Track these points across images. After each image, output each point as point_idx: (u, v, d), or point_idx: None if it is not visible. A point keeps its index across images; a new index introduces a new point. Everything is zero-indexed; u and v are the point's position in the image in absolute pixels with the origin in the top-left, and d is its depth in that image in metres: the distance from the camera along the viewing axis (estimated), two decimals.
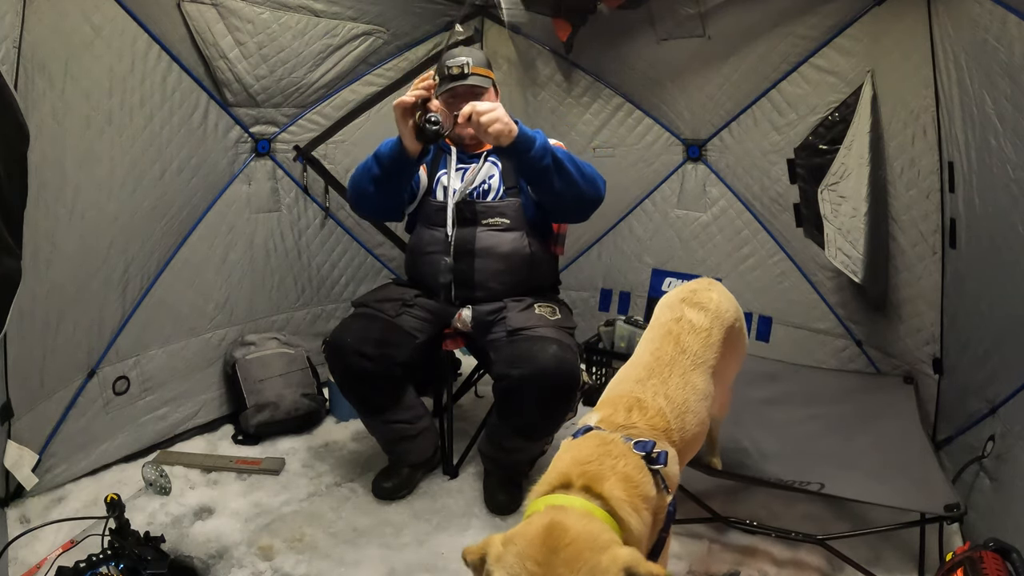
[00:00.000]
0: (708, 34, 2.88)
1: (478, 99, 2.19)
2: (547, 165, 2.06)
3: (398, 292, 2.36)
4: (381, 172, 2.18)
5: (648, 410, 1.46)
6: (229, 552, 2.02)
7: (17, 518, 2.09)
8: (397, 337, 2.23)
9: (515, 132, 2.00)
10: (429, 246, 2.34)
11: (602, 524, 1.16)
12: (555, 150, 2.09)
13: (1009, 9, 1.80)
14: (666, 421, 1.46)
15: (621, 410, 1.45)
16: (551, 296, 2.45)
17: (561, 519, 1.11)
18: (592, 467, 1.25)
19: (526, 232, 2.33)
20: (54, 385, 2.21)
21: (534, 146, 2.03)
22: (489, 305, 2.29)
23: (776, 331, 3.09)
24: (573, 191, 2.14)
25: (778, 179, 2.95)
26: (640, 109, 3.21)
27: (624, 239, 3.38)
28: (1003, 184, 1.92)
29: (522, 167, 2.11)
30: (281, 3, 2.55)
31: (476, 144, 2.36)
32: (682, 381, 1.57)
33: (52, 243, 2.07)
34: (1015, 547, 1.40)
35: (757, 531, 1.98)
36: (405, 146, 2.10)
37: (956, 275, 2.36)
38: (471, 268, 2.28)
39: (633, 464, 1.29)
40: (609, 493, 1.21)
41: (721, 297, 1.83)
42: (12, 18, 1.77)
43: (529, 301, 2.28)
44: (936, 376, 2.51)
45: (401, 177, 2.21)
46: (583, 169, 2.16)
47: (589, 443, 1.33)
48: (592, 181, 2.19)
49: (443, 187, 2.35)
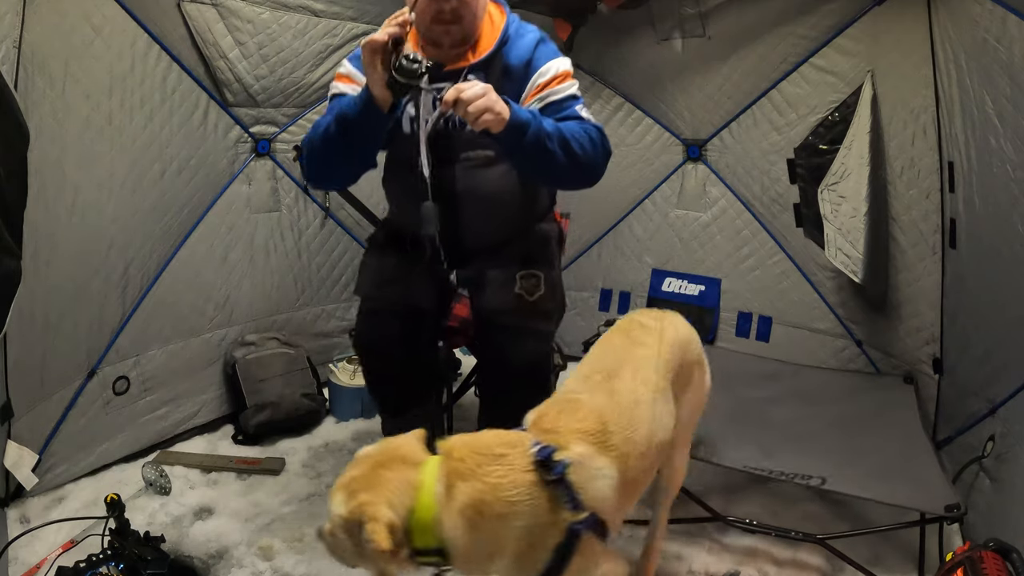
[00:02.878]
0: (708, 34, 2.88)
1: (465, 5, 1.77)
2: (541, 151, 1.72)
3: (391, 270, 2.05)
4: (345, 138, 1.76)
5: (580, 410, 1.35)
6: (229, 552, 2.02)
7: (17, 518, 2.09)
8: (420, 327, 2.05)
9: (506, 119, 1.64)
10: (404, 193, 1.98)
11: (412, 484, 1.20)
12: (551, 130, 1.74)
13: (1009, 9, 1.80)
14: (602, 422, 1.33)
15: (557, 412, 1.36)
16: (542, 253, 2.07)
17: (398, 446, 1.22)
18: (470, 463, 1.22)
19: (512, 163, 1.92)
20: (54, 385, 2.21)
21: (527, 132, 1.68)
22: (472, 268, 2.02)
23: (776, 331, 3.09)
24: (571, 173, 1.84)
25: (778, 179, 2.95)
26: (640, 109, 3.20)
27: (624, 239, 3.38)
28: (1003, 184, 1.92)
29: (512, 154, 1.80)
30: (281, 3, 2.55)
31: (456, 57, 1.86)
32: (637, 380, 1.45)
33: (52, 243, 2.07)
34: (1015, 547, 1.40)
35: (757, 530, 1.98)
36: (375, 97, 1.68)
37: (956, 275, 2.36)
38: (454, 215, 1.92)
39: (512, 478, 1.21)
40: (458, 495, 1.19)
41: (687, 328, 1.72)
42: (12, 18, 1.77)
43: (513, 271, 1.96)
44: (936, 376, 2.51)
45: (370, 140, 1.81)
46: (583, 144, 1.79)
47: (496, 442, 1.28)
48: (591, 158, 1.83)
49: (409, 116, 1.89)
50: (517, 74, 1.85)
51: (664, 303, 3.29)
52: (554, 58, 1.88)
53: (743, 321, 3.17)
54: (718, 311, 3.21)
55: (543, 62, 1.86)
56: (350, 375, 2.83)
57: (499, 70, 1.86)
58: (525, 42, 1.88)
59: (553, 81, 1.85)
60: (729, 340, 3.19)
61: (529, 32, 1.92)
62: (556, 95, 1.84)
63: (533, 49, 1.88)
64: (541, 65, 1.86)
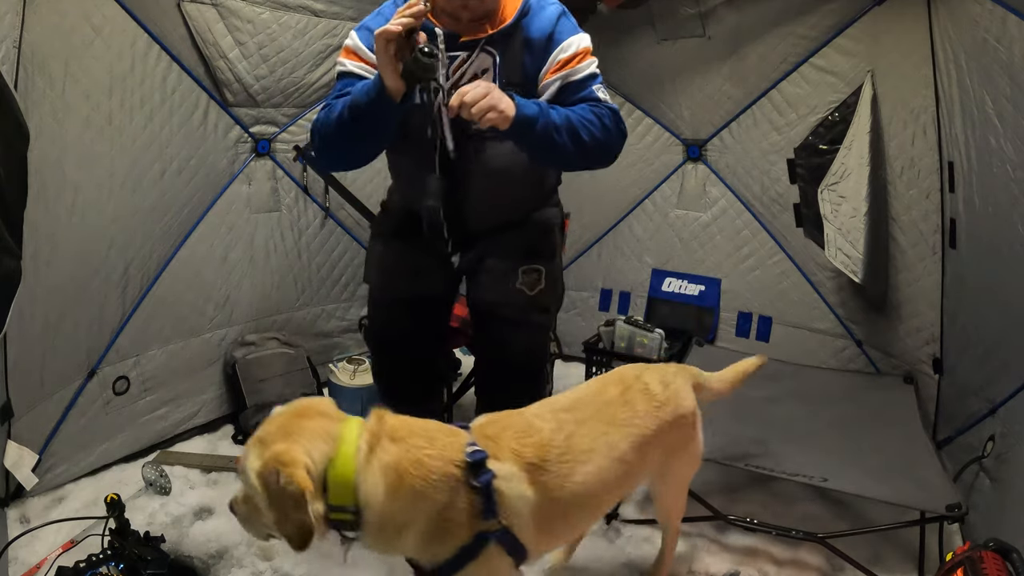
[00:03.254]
0: (708, 34, 2.88)
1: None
2: (549, 143, 1.70)
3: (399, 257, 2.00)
4: (358, 126, 1.74)
5: (531, 436, 1.35)
6: (229, 552, 2.02)
7: (17, 518, 2.09)
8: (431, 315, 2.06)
9: (511, 116, 1.62)
10: (415, 164, 1.88)
11: (329, 437, 1.20)
12: (560, 122, 1.71)
13: (1009, 9, 1.80)
14: (543, 456, 1.32)
15: (507, 427, 1.36)
16: (545, 245, 2.03)
17: (317, 402, 1.20)
18: (405, 429, 1.25)
19: None
20: (54, 385, 2.21)
21: (535, 126, 1.67)
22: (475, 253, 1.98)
23: (776, 331, 3.10)
24: (580, 160, 1.83)
25: (778, 179, 2.96)
26: (640, 109, 3.21)
27: (624, 239, 3.38)
28: (1003, 184, 1.92)
29: (522, 146, 1.77)
30: (281, 3, 2.55)
31: (474, 27, 1.79)
32: (601, 431, 1.44)
33: (52, 243, 2.07)
34: (1015, 547, 1.40)
35: (758, 529, 1.98)
36: (387, 87, 1.64)
37: (956, 275, 2.36)
38: (464, 188, 1.86)
39: (438, 463, 1.22)
40: (381, 454, 1.20)
41: (686, 386, 1.70)
42: (12, 18, 1.77)
43: (515, 263, 1.94)
44: (936, 376, 2.51)
45: (384, 127, 1.77)
46: (593, 131, 1.76)
47: (433, 426, 1.32)
48: (602, 144, 1.80)
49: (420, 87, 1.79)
50: (538, 47, 1.79)
51: (664, 303, 3.30)
52: (575, 33, 1.82)
53: (743, 321, 3.17)
54: (718, 311, 3.21)
55: (565, 36, 1.80)
56: (350, 375, 2.83)
57: (519, 42, 1.79)
58: (547, 14, 1.81)
59: (575, 59, 1.79)
60: (729, 340, 3.19)
61: (550, 4, 1.85)
62: (577, 74, 1.79)
63: (555, 22, 1.81)
64: (563, 39, 1.79)
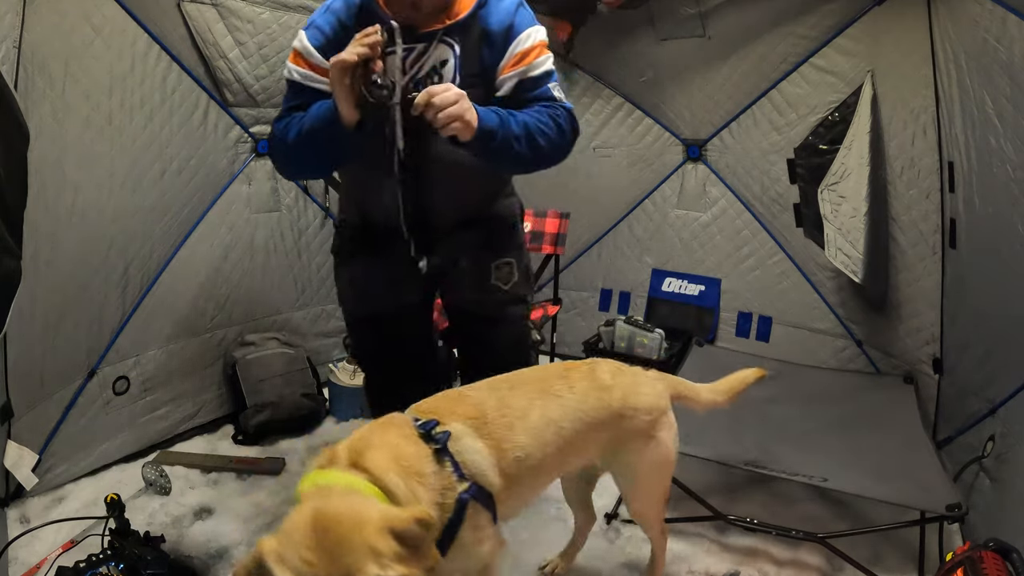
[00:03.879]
0: (708, 34, 2.88)
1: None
2: (506, 152, 1.65)
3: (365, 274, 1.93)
4: (314, 149, 1.69)
5: (464, 401, 1.43)
6: (229, 552, 2.02)
7: (17, 518, 2.09)
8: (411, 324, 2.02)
9: (474, 128, 1.56)
10: (364, 167, 1.80)
11: (364, 496, 1.17)
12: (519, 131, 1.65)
13: (1009, 9, 1.80)
14: (481, 412, 1.40)
15: (440, 400, 1.45)
16: (511, 238, 1.98)
17: (323, 504, 1.12)
18: (360, 442, 1.27)
19: None
20: (54, 385, 2.21)
21: (495, 138, 1.61)
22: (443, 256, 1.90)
23: (776, 331, 3.10)
24: (533, 165, 1.78)
25: (778, 179, 2.96)
26: (640, 109, 3.21)
27: (624, 239, 3.38)
28: (1003, 184, 1.92)
29: (477, 155, 1.68)
30: (281, 3, 2.55)
31: (430, 18, 1.70)
32: (534, 396, 1.49)
33: (52, 243, 2.07)
34: (1015, 547, 1.40)
35: (758, 529, 1.98)
36: (342, 115, 1.58)
37: (956, 275, 2.36)
38: (420, 186, 1.78)
39: (406, 438, 1.29)
40: (372, 463, 1.23)
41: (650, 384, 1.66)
42: (12, 18, 1.77)
43: (486, 261, 1.91)
44: (936, 376, 2.51)
45: (342, 152, 1.70)
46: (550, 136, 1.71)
47: (374, 424, 1.36)
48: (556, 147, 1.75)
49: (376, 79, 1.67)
50: (496, 38, 1.73)
51: (664, 303, 3.30)
52: (532, 25, 1.79)
53: (743, 321, 3.17)
54: (718, 311, 3.21)
55: (523, 28, 1.75)
56: (350, 375, 2.83)
57: (477, 33, 1.73)
58: (504, 5, 1.76)
59: (532, 52, 1.75)
60: (729, 340, 3.19)
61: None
62: (534, 70, 1.75)
63: (513, 13, 1.76)
64: (521, 31, 1.74)
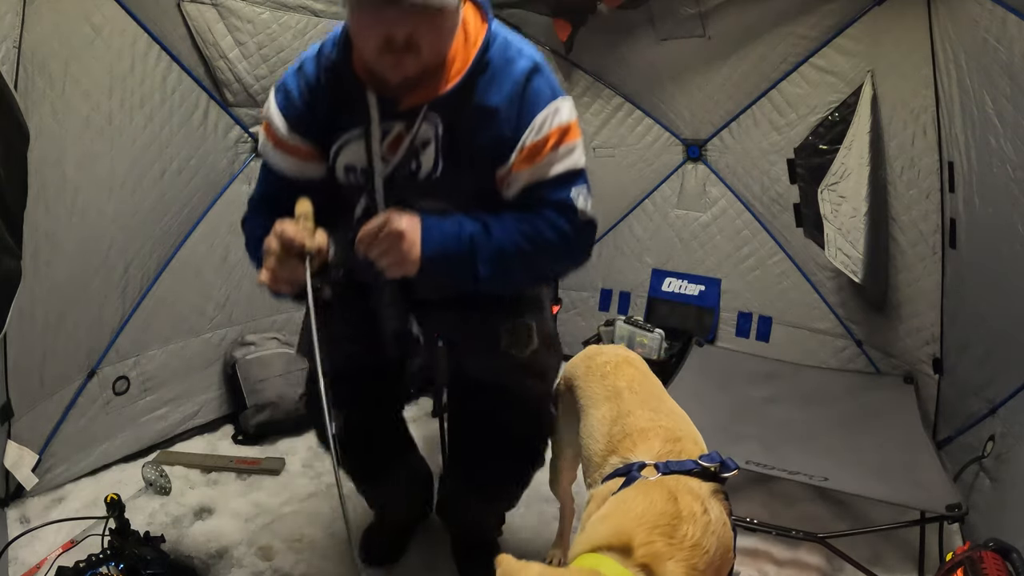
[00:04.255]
0: (708, 34, 2.88)
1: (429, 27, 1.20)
2: (473, 279, 1.35)
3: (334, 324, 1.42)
4: None
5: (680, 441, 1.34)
6: (229, 552, 2.02)
7: (17, 518, 2.09)
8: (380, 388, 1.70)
9: (417, 263, 1.30)
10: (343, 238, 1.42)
11: None
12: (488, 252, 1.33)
13: (1009, 9, 1.80)
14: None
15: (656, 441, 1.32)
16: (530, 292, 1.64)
17: None
18: (657, 544, 1.05)
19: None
20: (54, 385, 2.21)
21: (449, 266, 1.33)
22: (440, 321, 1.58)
23: (776, 331, 3.09)
24: (518, 287, 1.51)
25: (778, 179, 2.95)
26: (640, 109, 3.20)
27: (624, 239, 3.38)
28: (1003, 184, 1.92)
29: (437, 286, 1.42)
30: (281, 3, 2.55)
31: (416, 89, 1.32)
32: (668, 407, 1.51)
33: (52, 243, 2.07)
34: (1015, 547, 1.40)
35: (758, 529, 1.98)
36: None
37: (956, 275, 2.36)
38: (409, 284, 1.45)
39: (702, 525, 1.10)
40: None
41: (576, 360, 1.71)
42: (12, 18, 1.77)
43: (494, 323, 1.56)
44: (936, 376, 2.51)
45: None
46: (538, 263, 1.41)
47: (657, 496, 1.12)
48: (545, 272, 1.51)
49: (344, 165, 1.43)
50: (500, 117, 1.33)
51: (664, 303, 3.30)
52: (553, 100, 1.34)
53: (743, 321, 3.17)
54: (718, 311, 3.21)
55: (537, 108, 1.33)
56: None
57: (470, 109, 1.33)
58: (512, 73, 1.33)
59: (547, 144, 1.33)
60: (729, 340, 3.19)
61: (521, 56, 1.34)
62: (548, 170, 1.34)
63: (524, 85, 1.32)
64: (535, 114, 1.32)
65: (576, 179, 1.37)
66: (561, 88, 1.39)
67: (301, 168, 1.45)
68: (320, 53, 1.41)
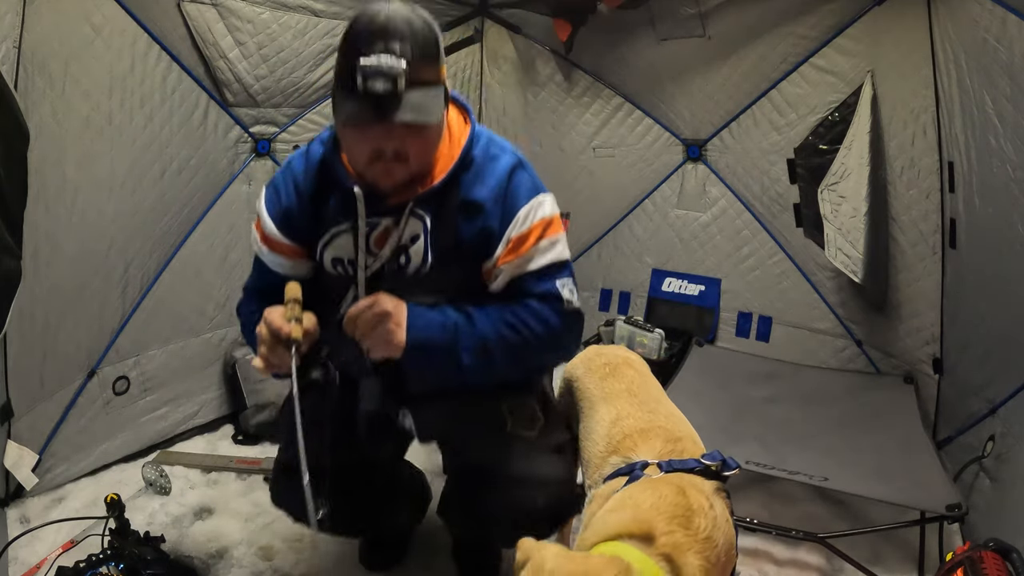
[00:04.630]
0: (708, 34, 2.88)
1: (416, 140, 1.30)
2: (456, 371, 1.37)
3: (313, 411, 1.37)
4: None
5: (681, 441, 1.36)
6: (229, 552, 2.02)
7: (17, 518, 2.09)
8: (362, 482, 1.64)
9: (401, 346, 1.33)
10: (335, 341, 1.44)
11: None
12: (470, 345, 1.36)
13: (1009, 9, 1.80)
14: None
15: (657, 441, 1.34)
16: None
17: None
18: (677, 534, 1.05)
19: None
20: (54, 385, 2.21)
21: (431, 356, 1.36)
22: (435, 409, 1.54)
23: (776, 331, 3.09)
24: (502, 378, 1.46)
25: (778, 179, 2.95)
26: (640, 109, 3.20)
27: (624, 239, 3.38)
28: (1003, 184, 1.92)
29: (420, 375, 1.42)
30: (281, 3, 2.54)
31: (401, 190, 1.38)
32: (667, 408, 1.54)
33: (52, 243, 2.07)
34: (1015, 547, 1.40)
35: (758, 529, 1.98)
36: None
37: (956, 275, 2.36)
38: (396, 370, 1.42)
39: (711, 519, 1.11)
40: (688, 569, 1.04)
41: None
42: (12, 18, 1.77)
43: (493, 404, 1.53)
44: (936, 376, 2.51)
45: None
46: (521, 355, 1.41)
47: (666, 490, 1.13)
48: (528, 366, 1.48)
49: (332, 258, 1.47)
50: (485, 210, 1.40)
51: (664, 303, 3.30)
52: (534, 195, 1.42)
53: (743, 321, 3.17)
54: (718, 311, 3.21)
55: (520, 203, 1.40)
56: None
57: (454, 203, 1.39)
58: (497, 168, 1.41)
59: (530, 236, 1.40)
60: (729, 340, 3.19)
61: (504, 153, 1.44)
62: (531, 263, 1.40)
63: (507, 179, 1.41)
64: (518, 208, 1.40)
65: (561, 271, 1.43)
66: (543, 184, 1.46)
67: (290, 265, 1.51)
68: (309, 151, 1.49)
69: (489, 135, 1.47)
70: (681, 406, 1.60)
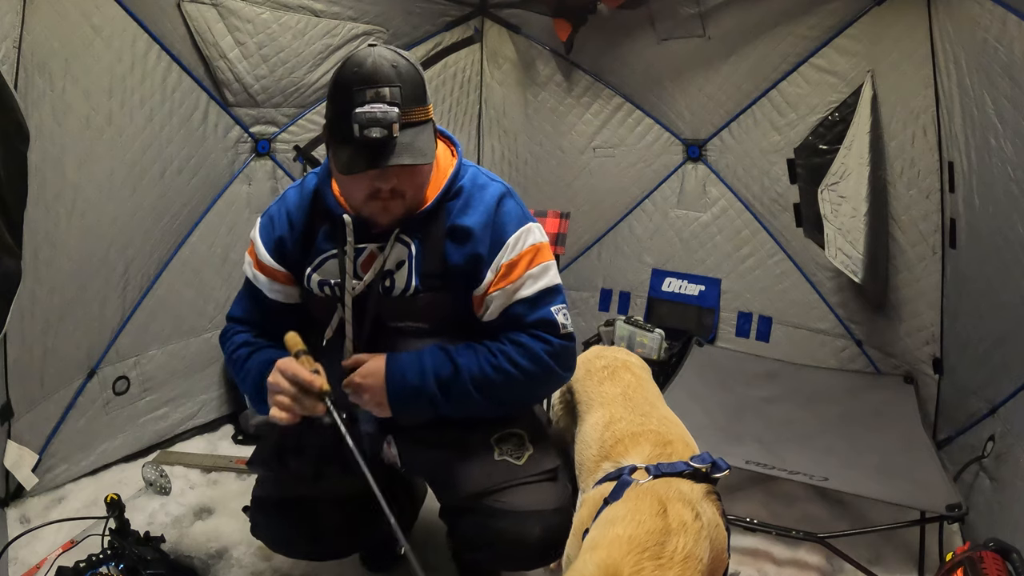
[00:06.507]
0: (708, 34, 2.88)
1: (411, 178, 1.37)
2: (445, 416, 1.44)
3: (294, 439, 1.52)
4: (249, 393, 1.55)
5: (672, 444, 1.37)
6: (229, 552, 2.02)
7: (17, 518, 2.09)
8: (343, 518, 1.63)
9: (388, 408, 1.43)
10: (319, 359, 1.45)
11: None
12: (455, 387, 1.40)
13: (1009, 9, 1.81)
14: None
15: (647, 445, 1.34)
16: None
17: None
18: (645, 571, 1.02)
19: (452, 337, 1.49)
20: (54, 385, 2.21)
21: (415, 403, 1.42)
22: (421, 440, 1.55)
23: (776, 331, 3.09)
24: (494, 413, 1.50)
25: (778, 179, 2.95)
26: (640, 109, 3.20)
27: (624, 239, 3.38)
28: (1003, 184, 1.92)
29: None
30: (281, 3, 2.55)
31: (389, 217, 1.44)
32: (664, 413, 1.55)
33: (52, 243, 2.07)
34: (1015, 547, 1.40)
35: (758, 529, 1.98)
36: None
37: (956, 275, 2.36)
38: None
39: (694, 533, 1.09)
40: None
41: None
42: (12, 18, 1.77)
43: (482, 435, 1.52)
44: (936, 376, 2.51)
45: None
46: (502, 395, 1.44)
47: (645, 511, 1.11)
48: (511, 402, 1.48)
49: (319, 281, 1.50)
50: (475, 236, 1.43)
51: (664, 303, 3.30)
52: (522, 224, 1.45)
53: (743, 321, 3.17)
54: (718, 311, 3.21)
55: (509, 231, 1.43)
56: None
57: (441, 229, 1.44)
58: (486, 196, 1.46)
59: (519, 264, 1.43)
60: (729, 340, 3.19)
61: (492, 182, 1.49)
62: (522, 290, 1.43)
63: (496, 206, 1.45)
64: (507, 236, 1.43)
65: (555, 297, 1.47)
66: (530, 214, 1.51)
67: (280, 290, 1.56)
68: (304, 183, 1.57)
69: (476, 168, 1.53)
70: (681, 406, 1.60)
